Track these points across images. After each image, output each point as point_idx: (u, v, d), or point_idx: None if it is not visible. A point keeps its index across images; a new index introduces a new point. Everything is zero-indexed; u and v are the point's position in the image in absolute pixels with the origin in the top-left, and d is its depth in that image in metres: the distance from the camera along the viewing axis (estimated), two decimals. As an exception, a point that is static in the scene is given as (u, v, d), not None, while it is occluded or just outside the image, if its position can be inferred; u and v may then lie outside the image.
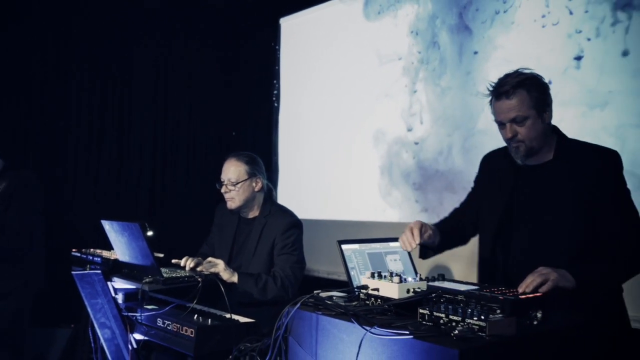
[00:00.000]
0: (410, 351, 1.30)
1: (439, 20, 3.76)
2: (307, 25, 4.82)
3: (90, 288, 2.41)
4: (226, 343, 2.01)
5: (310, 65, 4.76)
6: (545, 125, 1.92)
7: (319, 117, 4.65)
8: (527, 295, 1.55)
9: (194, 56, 5.00)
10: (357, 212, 4.23)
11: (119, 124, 4.62)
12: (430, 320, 1.41)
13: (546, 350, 1.40)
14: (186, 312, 2.20)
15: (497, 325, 1.31)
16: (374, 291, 1.61)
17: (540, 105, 1.90)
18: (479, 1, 3.53)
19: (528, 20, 3.25)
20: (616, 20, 2.88)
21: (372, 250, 2.38)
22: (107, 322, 2.40)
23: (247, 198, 2.76)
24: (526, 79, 1.90)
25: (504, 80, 1.92)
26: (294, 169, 4.91)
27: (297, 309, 1.61)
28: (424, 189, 3.82)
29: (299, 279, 2.73)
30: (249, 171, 2.74)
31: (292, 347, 1.64)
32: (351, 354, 1.42)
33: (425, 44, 3.85)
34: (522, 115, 1.89)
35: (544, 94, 1.91)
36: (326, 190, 4.54)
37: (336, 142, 4.47)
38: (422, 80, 3.85)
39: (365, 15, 4.28)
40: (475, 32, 3.53)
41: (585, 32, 2.99)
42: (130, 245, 2.27)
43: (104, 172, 4.51)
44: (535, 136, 1.91)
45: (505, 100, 1.90)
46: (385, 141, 4.09)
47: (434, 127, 3.77)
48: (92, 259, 2.48)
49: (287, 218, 2.77)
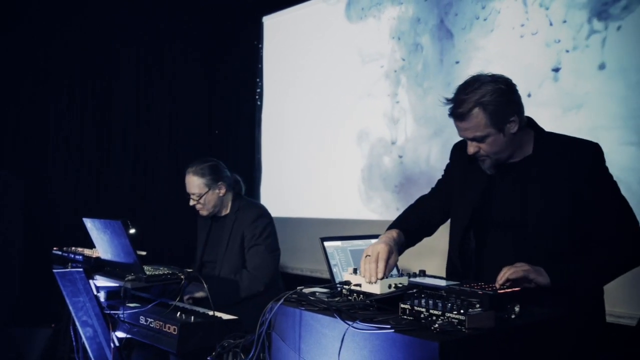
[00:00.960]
0: (392, 345, 1.32)
1: (421, 23, 3.80)
2: (290, 23, 4.83)
3: (72, 286, 2.40)
4: (209, 340, 2.02)
5: (293, 63, 4.77)
6: (510, 136, 1.82)
7: (302, 115, 4.66)
8: (506, 290, 1.59)
9: (177, 54, 4.98)
10: (339, 211, 4.26)
11: (100, 121, 4.58)
12: (412, 315, 1.44)
13: (523, 343, 1.44)
14: (169, 310, 2.20)
15: (476, 318, 1.34)
16: (356, 287, 1.63)
17: (500, 120, 1.78)
18: (459, 6, 3.57)
19: (507, 28, 3.29)
20: (593, 31, 2.93)
21: (355, 247, 2.40)
22: (89, 320, 2.39)
23: (215, 204, 2.86)
24: (483, 95, 1.77)
25: (459, 98, 1.81)
26: (277, 168, 4.92)
27: (280, 304, 1.62)
28: (406, 189, 3.86)
29: (271, 267, 2.78)
30: (207, 183, 2.82)
31: (275, 342, 1.65)
32: (334, 348, 1.44)
33: (407, 47, 3.89)
34: (480, 135, 1.80)
35: (504, 105, 1.78)
36: (309, 188, 4.56)
37: (319, 141, 4.49)
38: (404, 82, 3.89)
39: (347, 17, 4.31)
40: (457, 36, 3.57)
41: (563, 42, 3.03)
42: (112, 243, 2.26)
43: (85, 170, 4.48)
44: (499, 150, 1.83)
45: (460, 122, 1.82)
46: (368, 140, 4.12)
47: (416, 127, 3.81)
48: (73, 257, 2.47)
49: (254, 210, 2.85)
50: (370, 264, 1.66)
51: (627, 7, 2.82)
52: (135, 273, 2.19)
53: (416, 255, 2.34)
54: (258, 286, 2.69)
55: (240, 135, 5.17)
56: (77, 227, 2.59)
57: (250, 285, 2.68)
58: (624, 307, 2.69)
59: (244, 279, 2.70)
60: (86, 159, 4.49)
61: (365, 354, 1.38)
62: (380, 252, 1.70)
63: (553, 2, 3.09)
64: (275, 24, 5.01)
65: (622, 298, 2.66)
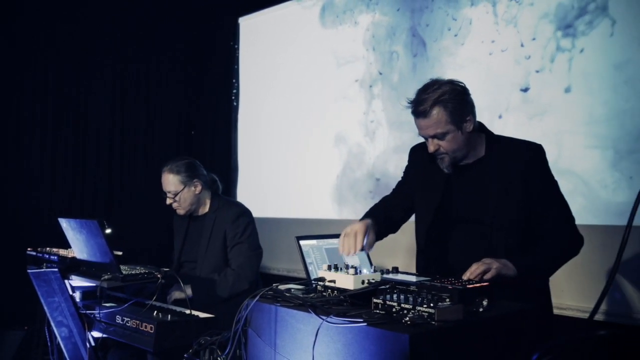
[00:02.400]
0: (365, 338, 1.37)
1: (395, 32, 3.86)
2: (266, 25, 4.86)
3: (47, 286, 2.39)
4: (186, 338, 2.04)
5: (270, 64, 4.79)
6: (467, 134, 1.95)
7: (278, 116, 4.69)
8: (475, 285, 1.65)
9: (153, 54, 4.96)
10: (316, 211, 4.30)
11: (75, 121, 4.55)
12: (384, 309, 1.49)
13: (490, 334, 1.50)
14: (145, 309, 2.21)
15: (445, 311, 1.40)
16: (331, 283, 1.67)
17: (458, 118, 1.92)
18: (430, 17, 3.64)
19: (476, 43, 3.38)
20: (560, 48, 3.02)
21: (330, 245, 2.44)
22: (64, 320, 2.38)
23: (192, 202, 2.85)
24: (442, 94, 1.90)
25: (420, 98, 1.93)
26: (254, 168, 4.94)
27: (256, 301, 1.65)
28: (380, 188, 3.92)
29: (255, 265, 2.80)
30: (183, 180, 2.81)
31: (251, 338, 1.68)
32: (308, 342, 1.48)
33: (381, 54, 3.95)
34: (441, 132, 1.92)
35: (462, 104, 1.93)
36: (286, 188, 4.59)
37: (295, 141, 4.53)
38: (379, 87, 3.95)
39: (322, 23, 4.35)
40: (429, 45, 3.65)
41: (533, 58, 3.12)
42: (88, 243, 2.26)
43: (60, 169, 4.43)
44: (458, 147, 1.96)
45: (422, 119, 1.94)
46: (344, 141, 4.17)
47: (390, 130, 3.88)
48: (48, 258, 2.46)
49: (234, 208, 2.86)
50: (348, 239, 1.85)
51: (591, 22, 2.92)
52: (111, 272, 2.20)
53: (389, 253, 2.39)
54: (243, 285, 2.69)
55: (217, 136, 5.17)
56: (52, 227, 2.58)
57: (235, 283, 2.68)
58: (569, 299, 2.85)
59: (228, 278, 2.69)
60: (62, 159, 4.45)
61: (339, 347, 1.42)
62: (358, 229, 1.88)
63: (521, 17, 3.18)
64: (251, 25, 5.03)
65: (567, 290, 2.84)
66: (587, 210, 2.82)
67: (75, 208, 4.35)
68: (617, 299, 2.83)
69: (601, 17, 2.88)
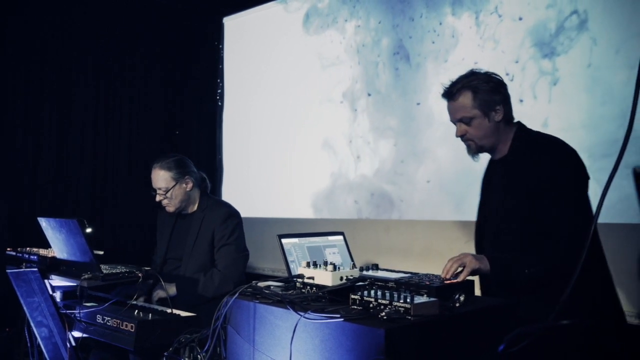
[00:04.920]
0: (342, 333, 1.38)
1: (377, 41, 3.89)
2: (251, 25, 4.86)
3: (27, 286, 2.37)
4: (167, 337, 2.02)
5: (254, 64, 4.79)
6: (494, 123, 1.93)
7: (263, 116, 4.69)
8: (452, 281, 1.67)
9: (136, 54, 4.93)
10: (300, 210, 4.31)
11: (58, 119, 4.50)
12: (361, 305, 1.50)
13: (466, 329, 1.52)
14: (126, 308, 2.20)
15: (420, 307, 1.41)
16: (310, 279, 1.68)
17: (487, 106, 1.92)
18: (413, 30, 3.66)
19: (459, 61, 3.41)
20: (542, 72, 3.07)
21: (312, 243, 2.45)
22: (44, 320, 2.37)
23: (182, 199, 2.82)
24: (474, 79, 1.92)
25: (454, 82, 1.97)
26: (239, 168, 4.94)
27: (235, 298, 1.66)
28: (365, 187, 3.94)
29: (241, 267, 2.79)
30: (174, 176, 2.79)
31: (230, 335, 1.69)
32: (286, 339, 1.49)
33: (364, 57, 3.97)
34: (467, 116, 1.93)
35: (493, 93, 1.92)
36: (270, 188, 4.59)
37: (280, 141, 4.53)
38: (363, 92, 3.97)
39: (305, 29, 4.36)
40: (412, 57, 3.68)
41: (516, 80, 3.15)
42: (68, 242, 2.25)
43: (42, 168, 4.39)
44: (483, 135, 1.95)
45: (451, 102, 1.97)
46: (329, 141, 4.18)
47: (374, 134, 3.90)
48: (28, 257, 2.43)
49: (224, 208, 2.84)
50: (452, 265, 1.73)
51: (570, 40, 2.97)
52: (91, 272, 2.18)
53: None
54: (228, 286, 2.66)
55: (202, 136, 5.16)
56: (32, 226, 2.56)
57: (221, 284, 2.66)
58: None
59: (214, 279, 2.68)
60: (43, 158, 4.40)
61: (317, 342, 1.43)
62: (467, 266, 1.74)
63: (502, 32, 3.22)
64: (236, 25, 5.03)
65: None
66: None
67: (57, 207, 4.31)
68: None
69: (581, 32, 2.93)
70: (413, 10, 3.68)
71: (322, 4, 4.24)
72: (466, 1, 3.40)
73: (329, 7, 4.21)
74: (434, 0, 3.57)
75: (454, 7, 3.45)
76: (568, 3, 2.97)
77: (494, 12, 3.25)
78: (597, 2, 2.87)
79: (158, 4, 4.96)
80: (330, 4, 4.19)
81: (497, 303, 1.65)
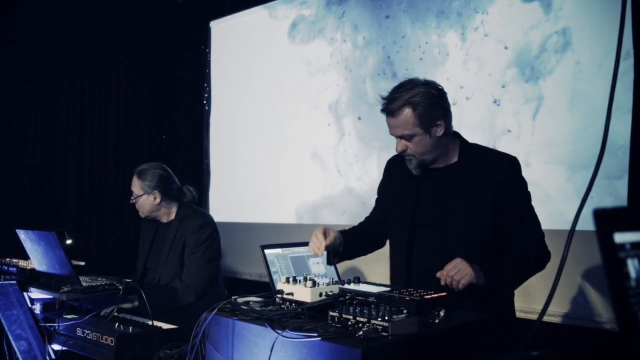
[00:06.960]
0: (319, 352, 1.36)
1: (364, 53, 3.88)
2: (238, 29, 4.83)
3: (5, 299, 2.33)
4: (148, 350, 2.01)
5: (241, 68, 4.77)
6: (435, 139, 1.92)
7: (250, 120, 4.67)
8: (432, 295, 1.65)
9: (124, 58, 4.90)
10: (288, 216, 4.29)
11: (43, 126, 4.45)
12: (340, 322, 1.48)
13: (445, 346, 1.51)
14: (106, 321, 2.17)
15: (398, 325, 1.40)
16: (289, 295, 1.67)
17: (428, 122, 1.89)
18: (402, 46, 3.65)
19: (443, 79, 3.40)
20: (527, 99, 3.07)
21: (295, 254, 2.44)
22: (23, 333, 2.33)
23: (150, 210, 2.83)
24: (413, 95, 1.88)
25: (392, 96, 1.92)
26: (226, 172, 4.91)
27: (214, 314, 1.64)
28: (351, 193, 3.93)
29: (205, 277, 2.74)
30: (143, 187, 2.79)
31: (209, 352, 1.67)
32: (264, 357, 1.47)
33: (350, 73, 3.96)
34: (408, 133, 1.91)
35: (433, 108, 1.89)
36: (258, 193, 4.56)
37: (267, 145, 4.51)
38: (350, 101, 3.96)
39: (290, 38, 4.35)
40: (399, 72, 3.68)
41: (504, 100, 3.15)
42: (47, 255, 2.22)
43: (26, 177, 4.34)
44: (425, 151, 1.94)
45: (390, 118, 1.93)
46: (315, 146, 4.17)
47: (361, 142, 3.89)
48: (7, 269, 2.40)
49: (198, 218, 2.82)
50: (313, 240, 1.97)
51: (556, 59, 2.98)
52: (71, 284, 2.16)
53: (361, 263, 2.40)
54: (189, 297, 2.64)
55: (189, 140, 5.13)
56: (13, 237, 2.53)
57: (182, 294, 2.63)
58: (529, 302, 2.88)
59: (174, 288, 2.66)
60: (28, 166, 4.35)
61: (294, 361, 1.41)
62: (318, 231, 1.99)
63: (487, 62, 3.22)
64: (223, 29, 4.99)
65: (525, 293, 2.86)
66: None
67: (42, 215, 4.26)
68: (580, 302, 2.88)
69: (565, 52, 2.94)
70: (397, 24, 3.67)
71: (309, 11, 4.22)
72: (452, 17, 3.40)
73: (315, 16, 4.19)
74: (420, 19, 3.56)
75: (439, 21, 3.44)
76: (553, 21, 2.98)
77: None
78: (577, 19, 2.89)
79: (145, 7, 4.92)
80: (317, 14, 4.17)
81: (475, 318, 1.64)
